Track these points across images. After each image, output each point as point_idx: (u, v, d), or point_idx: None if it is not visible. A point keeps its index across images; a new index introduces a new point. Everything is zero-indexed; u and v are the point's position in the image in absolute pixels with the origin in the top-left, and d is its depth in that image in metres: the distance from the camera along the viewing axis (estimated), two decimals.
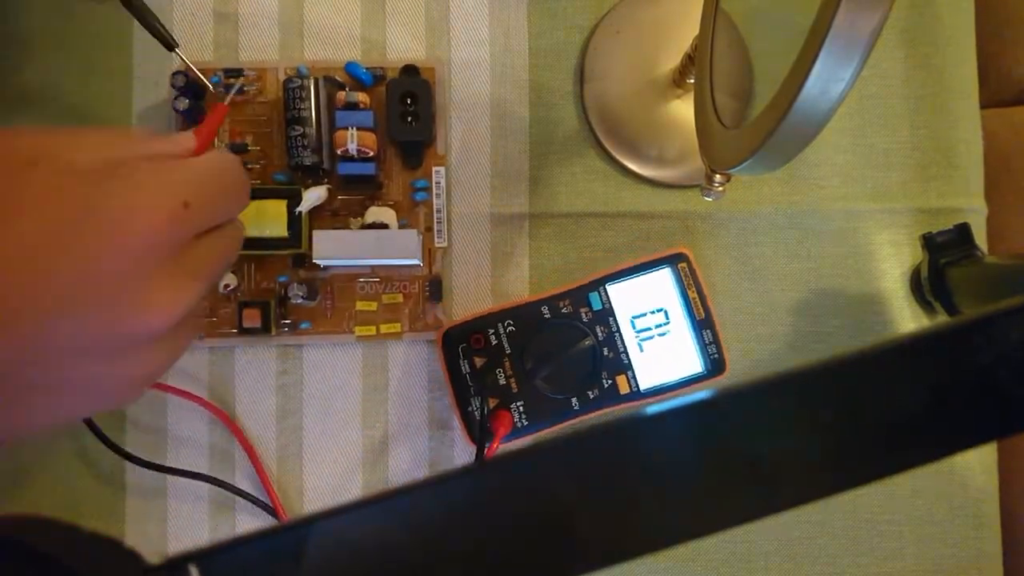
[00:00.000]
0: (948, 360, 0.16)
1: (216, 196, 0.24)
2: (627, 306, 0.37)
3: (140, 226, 0.20)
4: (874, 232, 0.40)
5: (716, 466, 0.16)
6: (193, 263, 0.23)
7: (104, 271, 0.20)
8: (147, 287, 0.21)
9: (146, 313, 0.21)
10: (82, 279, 0.20)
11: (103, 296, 0.20)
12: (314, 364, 0.39)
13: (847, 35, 0.17)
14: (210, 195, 0.23)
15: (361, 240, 0.35)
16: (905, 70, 0.40)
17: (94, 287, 0.20)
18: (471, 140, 0.39)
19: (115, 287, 0.20)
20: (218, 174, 0.24)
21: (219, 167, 0.24)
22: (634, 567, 0.38)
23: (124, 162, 0.21)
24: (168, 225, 0.21)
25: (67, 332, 0.20)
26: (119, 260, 0.20)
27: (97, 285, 0.20)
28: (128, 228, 0.20)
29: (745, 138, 0.23)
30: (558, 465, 0.16)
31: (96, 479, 0.38)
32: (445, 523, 0.15)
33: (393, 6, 0.40)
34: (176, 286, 0.22)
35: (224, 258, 0.25)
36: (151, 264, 0.21)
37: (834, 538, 0.39)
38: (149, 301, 0.21)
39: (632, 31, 0.39)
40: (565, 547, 0.15)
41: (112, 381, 0.22)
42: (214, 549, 0.15)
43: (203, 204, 0.22)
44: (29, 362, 0.20)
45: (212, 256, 0.24)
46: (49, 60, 0.38)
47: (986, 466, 0.39)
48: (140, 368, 0.22)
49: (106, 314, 0.20)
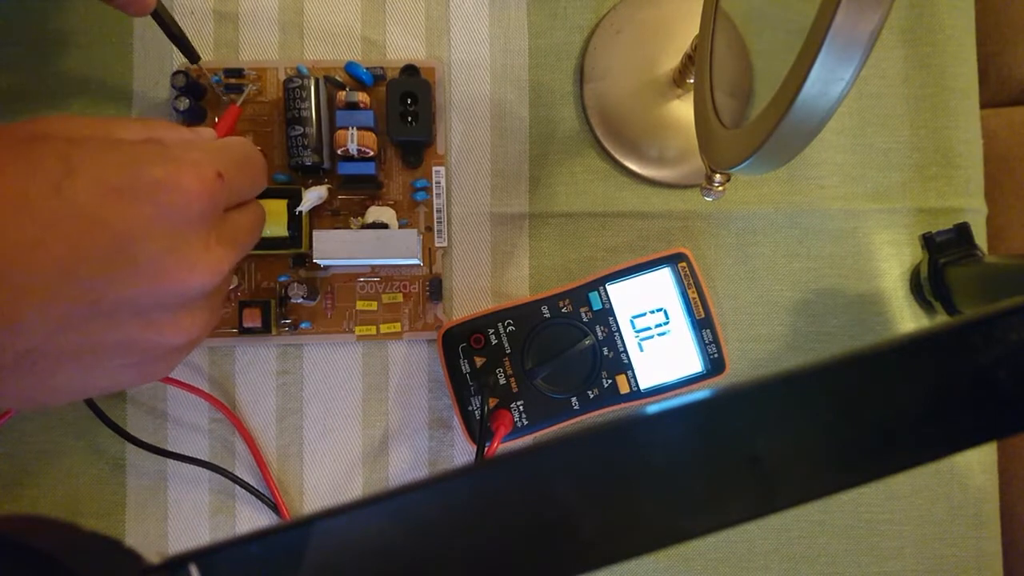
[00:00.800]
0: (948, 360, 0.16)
1: (242, 171, 0.26)
2: (627, 306, 0.37)
3: (182, 191, 0.22)
4: (874, 232, 0.40)
5: (716, 466, 0.16)
6: (228, 231, 0.24)
7: (151, 232, 0.21)
8: (190, 248, 0.22)
9: (190, 271, 0.22)
10: (129, 239, 0.21)
11: (150, 256, 0.21)
12: (314, 364, 0.39)
13: (847, 35, 0.17)
14: (239, 170, 0.25)
15: (361, 240, 0.35)
16: (905, 70, 0.40)
17: (140, 247, 0.21)
18: (471, 140, 0.39)
19: (161, 247, 0.22)
20: (242, 154, 0.26)
21: (241, 148, 0.27)
22: (634, 567, 0.38)
23: (160, 139, 0.23)
24: (206, 192, 0.22)
25: (118, 288, 0.21)
26: (164, 223, 0.22)
27: (144, 245, 0.21)
28: (172, 194, 0.22)
29: (745, 138, 0.23)
30: (558, 465, 0.16)
31: (96, 479, 0.38)
32: (445, 523, 0.15)
33: (393, 6, 0.40)
34: (215, 250, 0.23)
35: (252, 231, 0.27)
36: (192, 227, 0.22)
37: (834, 538, 0.39)
38: (192, 260, 0.22)
39: (632, 31, 0.39)
40: (565, 547, 0.15)
41: (148, 347, 0.23)
42: (214, 548, 0.15)
43: (233, 177, 0.24)
44: (74, 324, 0.21)
45: (243, 227, 0.26)
46: (49, 59, 0.38)
47: (986, 466, 0.39)
48: (176, 334, 0.23)
49: (152, 273, 0.21)
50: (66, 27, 0.39)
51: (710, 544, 0.39)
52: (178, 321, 0.23)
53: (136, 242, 0.21)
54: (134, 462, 0.38)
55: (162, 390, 0.38)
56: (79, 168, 0.21)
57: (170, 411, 0.38)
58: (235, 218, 0.25)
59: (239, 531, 0.34)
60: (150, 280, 0.21)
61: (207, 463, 0.37)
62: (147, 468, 0.38)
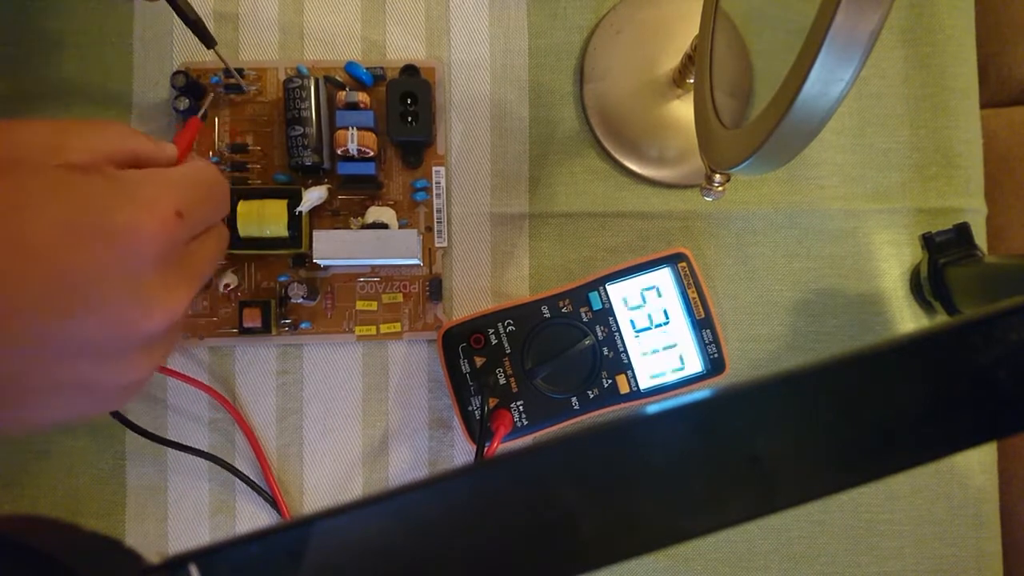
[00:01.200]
0: (948, 360, 0.16)
1: (204, 203, 0.25)
2: (627, 306, 0.37)
3: (141, 235, 0.21)
4: (874, 232, 0.40)
5: (716, 466, 0.16)
6: (187, 266, 0.24)
7: (106, 276, 0.21)
8: (146, 291, 0.22)
9: (146, 316, 0.21)
10: (85, 283, 0.20)
11: (105, 299, 0.21)
12: (314, 364, 0.39)
13: (847, 35, 0.17)
14: (199, 202, 0.24)
15: (361, 240, 0.35)
16: (905, 70, 0.40)
17: (97, 290, 0.20)
18: (471, 140, 0.39)
19: (117, 291, 0.21)
20: (203, 182, 0.25)
21: (203, 176, 0.25)
22: (634, 567, 0.38)
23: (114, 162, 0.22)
24: (164, 233, 0.22)
25: (67, 333, 0.20)
26: (121, 266, 0.21)
27: (100, 289, 0.20)
28: (130, 237, 0.21)
29: (745, 138, 0.23)
30: (558, 465, 0.16)
31: (96, 479, 0.38)
32: (445, 523, 0.15)
33: (393, 6, 0.40)
34: (173, 290, 0.22)
35: (213, 259, 0.26)
36: (149, 270, 0.22)
37: (834, 538, 0.39)
38: (149, 304, 0.22)
39: (632, 31, 0.39)
40: (565, 547, 0.15)
41: (104, 386, 0.22)
42: (214, 548, 0.15)
43: (193, 211, 0.23)
44: (27, 363, 0.20)
45: (203, 259, 0.25)
46: (49, 60, 0.38)
47: (986, 466, 0.39)
48: (132, 372, 0.22)
49: (108, 317, 0.21)
50: (66, 28, 0.39)
51: (710, 544, 0.39)
52: (134, 360, 0.22)
53: (91, 286, 0.20)
54: (134, 462, 0.38)
55: (163, 387, 0.38)
56: (33, 203, 0.20)
57: (170, 399, 0.38)
58: (195, 250, 0.25)
59: (239, 531, 0.34)
60: (105, 325, 0.21)
61: (206, 453, 0.37)
62: (147, 468, 0.38)
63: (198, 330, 0.37)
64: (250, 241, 0.36)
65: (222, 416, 0.38)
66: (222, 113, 0.38)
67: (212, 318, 0.37)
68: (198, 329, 0.37)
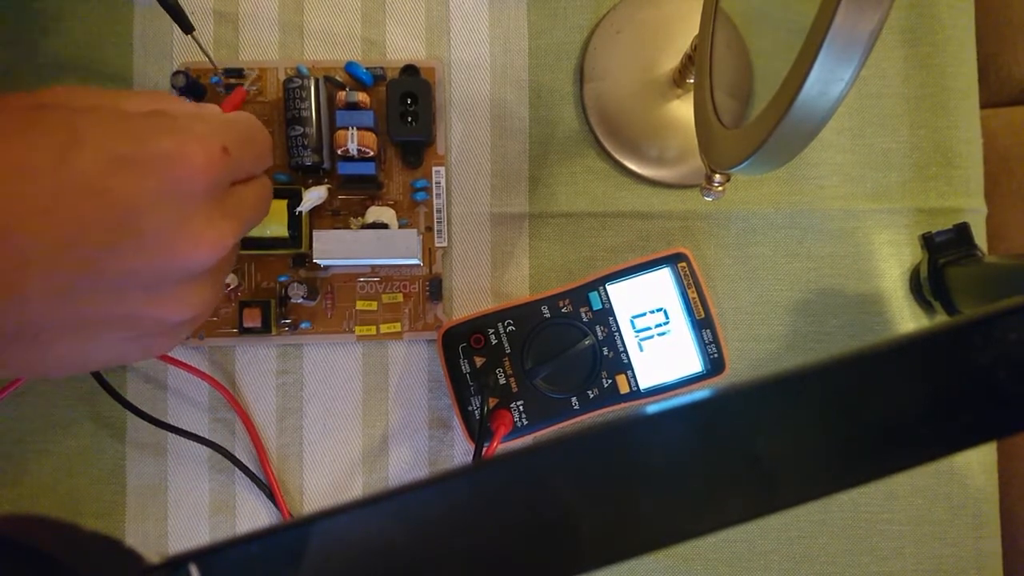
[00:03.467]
0: (947, 360, 0.16)
1: (249, 146, 0.26)
2: (627, 306, 0.37)
3: (188, 164, 0.22)
4: (874, 232, 0.40)
5: (716, 465, 0.16)
6: (232, 206, 0.24)
7: (156, 204, 0.21)
8: (194, 222, 0.22)
9: (195, 245, 0.22)
10: (134, 211, 0.21)
11: (154, 228, 0.21)
12: (314, 364, 0.39)
13: (847, 35, 0.17)
14: (244, 145, 0.25)
15: (361, 240, 0.35)
16: (905, 70, 0.40)
17: (145, 219, 0.21)
18: (471, 140, 0.39)
19: (166, 220, 0.21)
20: (248, 129, 0.26)
21: (249, 123, 0.26)
22: (634, 567, 0.38)
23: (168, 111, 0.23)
24: (212, 166, 0.22)
25: (116, 263, 0.21)
26: (170, 196, 0.21)
27: (149, 217, 0.21)
28: (178, 167, 0.21)
29: (745, 138, 0.23)
30: (558, 465, 0.16)
31: (96, 479, 0.38)
32: (445, 523, 0.15)
33: (393, 6, 0.40)
34: (220, 224, 0.23)
35: (258, 206, 0.27)
36: (197, 201, 0.22)
37: (834, 538, 0.39)
38: (197, 234, 0.22)
39: (632, 31, 0.39)
40: (565, 546, 0.15)
41: (152, 321, 0.23)
42: (214, 548, 0.15)
43: (239, 152, 0.24)
44: (77, 294, 0.21)
45: (247, 202, 0.26)
46: (49, 60, 0.38)
47: (986, 466, 0.39)
48: (180, 308, 0.23)
49: (156, 245, 0.21)
50: (66, 28, 0.39)
51: (710, 544, 0.39)
52: (181, 296, 0.23)
53: (141, 214, 0.21)
54: (134, 462, 0.38)
55: (163, 380, 0.38)
56: (85, 138, 0.20)
57: (171, 384, 0.38)
58: (240, 192, 0.25)
59: (239, 531, 0.34)
60: (154, 253, 0.21)
61: (207, 440, 0.37)
62: (147, 468, 0.38)
63: (198, 329, 0.37)
64: (250, 241, 0.36)
65: (223, 413, 0.38)
66: None
67: (212, 318, 0.37)
68: (198, 328, 0.37)
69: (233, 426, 0.38)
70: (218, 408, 0.38)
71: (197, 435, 0.37)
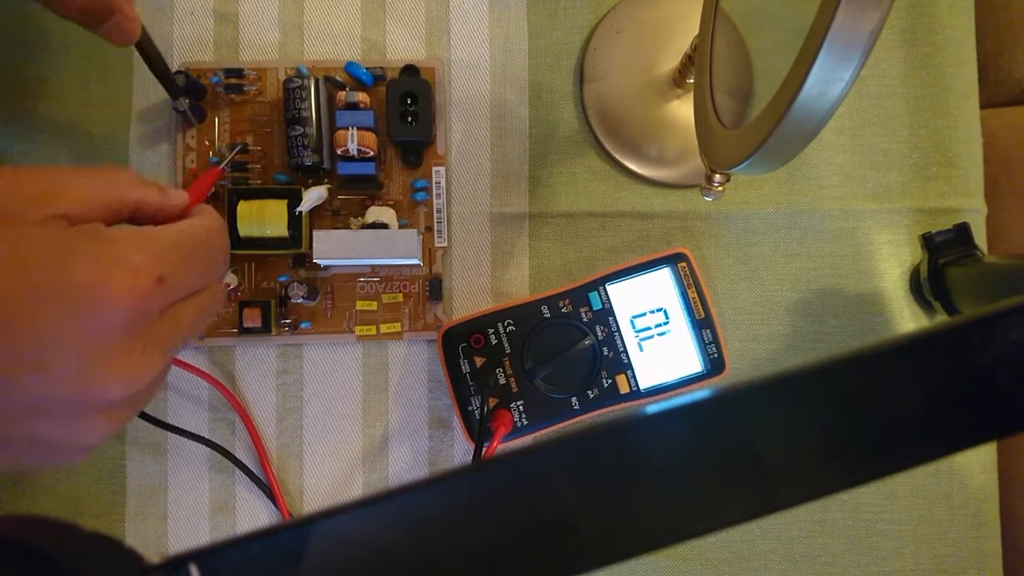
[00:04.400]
0: (947, 360, 0.16)
1: (195, 266, 0.24)
2: (627, 306, 0.37)
3: (109, 300, 0.20)
4: (874, 232, 0.40)
5: (716, 466, 0.16)
6: (161, 334, 0.22)
7: (67, 339, 0.20)
8: (107, 359, 0.21)
9: (103, 384, 0.21)
10: (43, 342, 0.20)
11: (64, 362, 0.20)
12: (314, 364, 0.39)
13: (847, 35, 0.17)
14: (189, 266, 0.23)
15: (361, 240, 0.35)
16: (905, 70, 0.40)
17: (55, 351, 0.20)
18: (471, 140, 0.39)
19: (77, 355, 0.20)
20: (202, 242, 0.24)
21: (203, 236, 0.24)
22: (634, 567, 0.38)
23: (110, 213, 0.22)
24: (138, 301, 0.21)
25: (27, 391, 0.20)
26: (83, 330, 0.20)
27: (59, 351, 0.20)
28: (96, 301, 0.20)
29: (745, 138, 0.23)
30: (558, 465, 0.16)
31: (96, 479, 0.38)
32: (445, 523, 0.15)
33: (393, 6, 0.40)
34: (141, 358, 0.21)
35: (194, 326, 0.25)
36: (115, 337, 0.21)
37: (834, 538, 0.39)
38: (110, 372, 0.21)
39: (632, 31, 0.39)
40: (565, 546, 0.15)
41: (60, 443, 0.22)
42: (214, 548, 0.15)
43: (180, 277, 0.22)
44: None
45: (181, 327, 0.24)
46: (49, 60, 0.38)
47: (986, 466, 0.39)
48: (90, 434, 0.22)
49: (65, 380, 0.20)
50: (66, 27, 0.38)
51: (710, 544, 0.39)
52: (91, 423, 0.21)
53: (50, 348, 0.20)
54: (134, 462, 0.38)
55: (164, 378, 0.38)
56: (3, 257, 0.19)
57: (171, 384, 0.38)
58: (175, 314, 0.23)
59: (239, 531, 0.34)
60: (62, 389, 0.20)
61: (207, 439, 0.37)
62: (147, 468, 0.38)
63: None
64: (250, 241, 0.36)
65: (224, 413, 0.38)
66: (222, 113, 0.38)
67: (215, 317, 0.37)
68: None
69: (233, 426, 0.38)
70: (218, 408, 0.38)
71: (197, 435, 0.37)
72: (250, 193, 0.36)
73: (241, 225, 0.35)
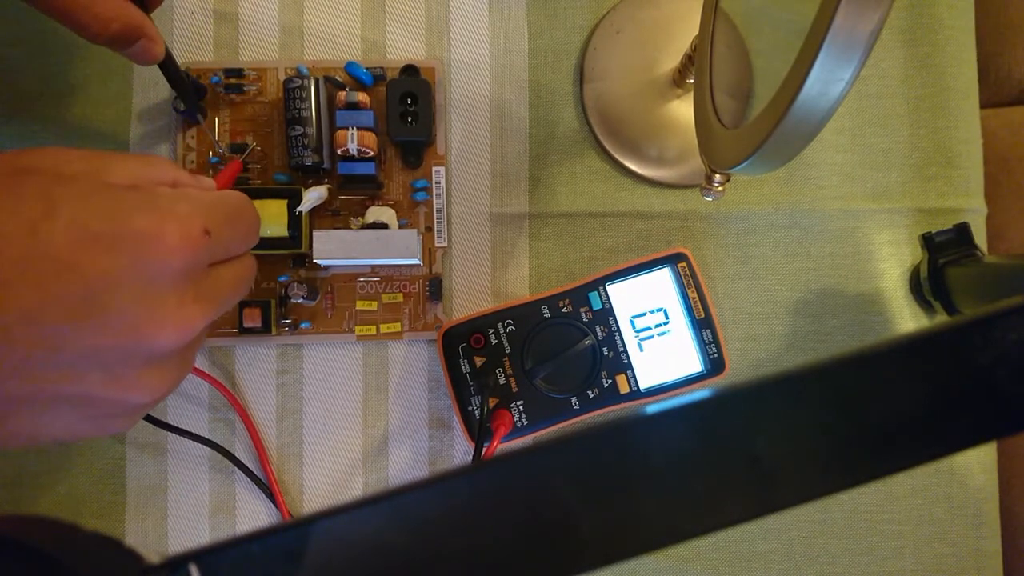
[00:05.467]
0: (947, 360, 0.16)
1: (233, 227, 0.25)
2: (627, 306, 0.37)
3: (163, 246, 0.21)
4: (874, 232, 0.40)
5: (716, 465, 0.16)
6: (208, 289, 0.23)
7: (124, 284, 0.20)
8: (163, 305, 0.21)
9: (160, 329, 0.21)
10: (102, 289, 0.20)
11: (120, 308, 0.20)
12: (314, 364, 0.39)
13: (847, 35, 0.17)
14: (229, 226, 0.24)
15: (361, 240, 0.35)
16: (905, 70, 0.40)
17: (112, 297, 0.20)
18: (471, 140, 0.39)
19: (133, 301, 0.21)
20: (236, 209, 0.25)
21: (237, 203, 0.25)
22: (634, 567, 0.38)
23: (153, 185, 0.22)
24: (188, 248, 0.21)
25: (83, 339, 0.20)
26: (140, 275, 0.21)
27: (116, 296, 0.20)
28: (152, 246, 0.21)
29: (745, 138, 0.23)
30: (558, 465, 0.16)
31: (96, 479, 0.38)
32: (445, 523, 0.15)
33: (393, 6, 0.40)
34: (190, 308, 0.22)
35: (237, 288, 0.26)
36: (169, 283, 0.21)
37: (834, 538, 0.39)
38: (164, 317, 0.21)
39: (632, 31, 0.39)
40: (565, 546, 0.15)
41: (107, 403, 0.22)
42: (214, 548, 0.15)
43: (222, 234, 0.23)
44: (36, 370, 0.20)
45: (226, 285, 0.25)
46: (49, 60, 0.38)
47: (986, 466, 0.39)
48: (138, 391, 0.22)
49: (121, 326, 0.20)
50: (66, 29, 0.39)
51: (710, 544, 0.39)
52: (143, 379, 0.22)
53: (107, 293, 0.20)
54: (134, 462, 0.38)
55: None
56: (60, 209, 0.20)
57: (170, 397, 0.38)
58: (218, 274, 0.24)
59: (239, 531, 0.34)
60: (118, 334, 0.20)
61: (207, 439, 0.37)
62: (147, 468, 0.38)
63: None
64: None
65: (224, 413, 0.38)
66: (222, 113, 0.38)
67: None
68: None
69: (233, 426, 0.38)
70: (218, 408, 0.38)
71: (197, 435, 0.37)
72: (250, 193, 0.36)
73: None
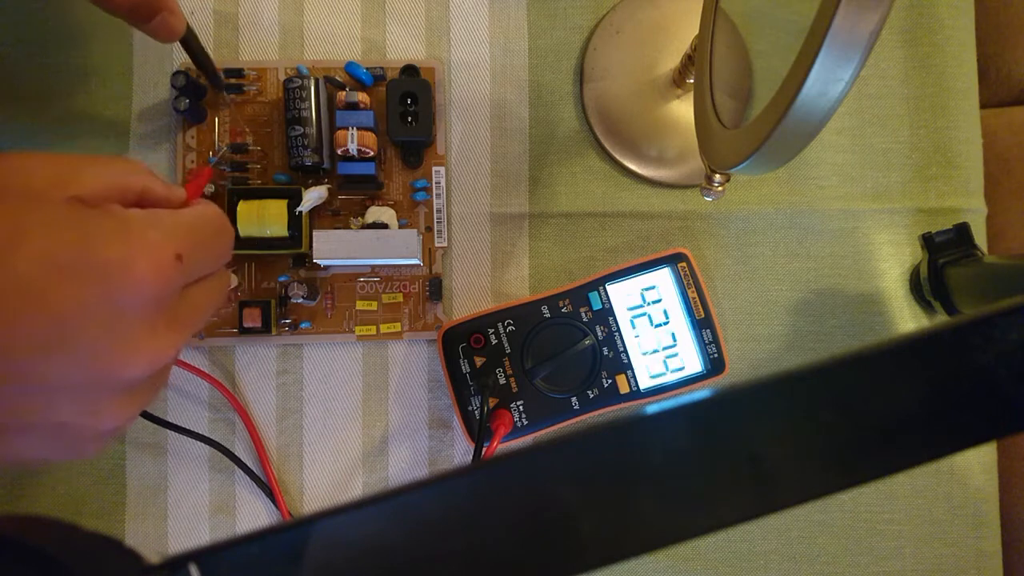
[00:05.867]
0: (947, 360, 0.16)
1: (207, 248, 0.24)
2: (627, 306, 0.37)
3: (133, 276, 0.20)
4: (874, 232, 0.40)
5: (716, 466, 0.16)
6: (180, 314, 0.23)
7: (94, 316, 0.20)
8: (135, 336, 0.21)
9: (131, 361, 0.21)
10: (71, 321, 0.19)
11: (90, 340, 0.20)
12: (314, 364, 0.39)
13: (847, 35, 0.17)
14: (201, 247, 0.23)
15: (361, 240, 0.35)
16: (905, 70, 0.40)
17: (82, 329, 0.20)
18: (471, 140, 0.39)
19: (103, 332, 0.20)
20: (208, 226, 0.24)
21: (209, 220, 0.25)
22: (634, 566, 0.38)
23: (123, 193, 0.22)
24: (160, 277, 0.21)
25: (47, 372, 0.20)
26: (110, 306, 0.20)
27: (86, 328, 0.20)
28: (122, 277, 0.20)
29: (745, 138, 0.23)
30: (558, 465, 0.16)
31: (96, 479, 0.38)
32: (445, 523, 0.15)
33: (393, 6, 0.40)
34: (161, 336, 0.22)
35: (209, 308, 0.25)
36: (140, 313, 0.21)
37: (834, 538, 0.39)
38: (135, 348, 0.21)
39: (632, 31, 0.39)
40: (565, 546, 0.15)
41: (78, 429, 0.21)
42: (214, 548, 0.15)
43: (194, 256, 0.23)
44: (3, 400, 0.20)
45: (198, 307, 0.24)
46: (49, 60, 0.38)
47: (986, 466, 0.39)
48: (109, 418, 0.22)
49: (91, 358, 0.20)
50: (66, 27, 0.39)
51: (710, 544, 0.39)
52: (114, 406, 0.22)
53: (77, 325, 0.19)
54: (134, 462, 0.38)
55: None
56: (26, 238, 0.19)
57: (171, 383, 0.38)
58: (191, 296, 0.24)
59: (239, 531, 0.34)
60: (88, 366, 0.20)
61: (207, 438, 0.37)
62: (147, 468, 0.38)
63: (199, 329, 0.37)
64: (250, 241, 0.36)
65: (224, 413, 0.38)
66: (222, 113, 0.38)
67: (212, 318, 0.37)
68: None
69: (233, 426, 0.38)
70: (218, 408, 0.38)
71: (197, 433, 0.37)
72: (250, 193, 0.36)
73: (241, 225, 0.35)
